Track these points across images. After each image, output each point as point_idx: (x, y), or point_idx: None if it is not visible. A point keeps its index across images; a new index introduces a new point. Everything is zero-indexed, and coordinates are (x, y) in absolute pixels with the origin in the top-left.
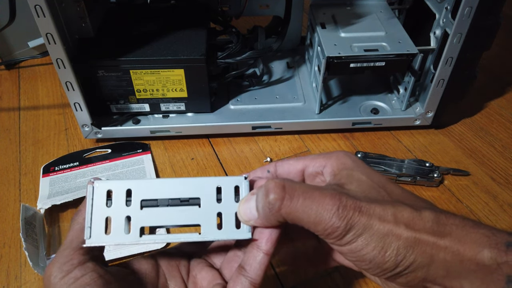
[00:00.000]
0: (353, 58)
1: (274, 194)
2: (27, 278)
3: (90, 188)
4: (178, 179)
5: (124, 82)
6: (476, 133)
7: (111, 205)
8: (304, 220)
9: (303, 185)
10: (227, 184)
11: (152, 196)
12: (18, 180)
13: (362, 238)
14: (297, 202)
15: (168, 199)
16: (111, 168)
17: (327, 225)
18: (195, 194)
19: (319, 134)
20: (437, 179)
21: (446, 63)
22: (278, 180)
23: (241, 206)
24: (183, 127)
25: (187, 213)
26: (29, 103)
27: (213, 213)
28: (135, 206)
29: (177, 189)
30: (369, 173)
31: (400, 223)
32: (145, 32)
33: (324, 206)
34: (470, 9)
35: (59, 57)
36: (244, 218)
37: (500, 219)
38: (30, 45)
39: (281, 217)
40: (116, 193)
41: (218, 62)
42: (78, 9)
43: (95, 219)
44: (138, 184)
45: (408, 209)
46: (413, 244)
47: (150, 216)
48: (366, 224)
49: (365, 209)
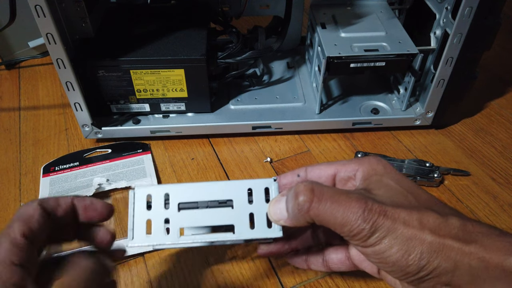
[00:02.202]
0: (353, 58)
1: (303, 196)
2: None
3: (131, 193)
4: (210, 183)
5: (124, 82)
6: (476, 133)
7: (151, 209)
8: (331, 221)
9: (331, 189)
10: (257, 186)
11: (188, 199)
12: (19, 180)
13: (386, 240)
14: (325, 204)
15: (207, 201)
16: (111, 168)
17: (353, 227)
18: (228, 196)
19: (319, 134)
20: (437, 179)
21: (446, 63)
22: (308, 183)
23: (271, 207)
24: (183, 127)
25: (221, 214)
26: (29, 103)
27: (246, 213)
28: (173, 209)
29: (210, 192)
30: (398, 179)
31: (425, 228)
32: (145, 32)
33: (350, 209)
34: (471, 9)
35: (59, 57)
36: (274, 218)
37: (500, 219)
38: (31, 45)
39: (309, 218)
40: (155, 198)
41: (218, 62)
42: (79, 9)
43: (137, 222)
44: (174, 188)
45: (434, 215)
46: (438, 249)
47: (187, 218)
48: (391, 227)
49: (390, 213)
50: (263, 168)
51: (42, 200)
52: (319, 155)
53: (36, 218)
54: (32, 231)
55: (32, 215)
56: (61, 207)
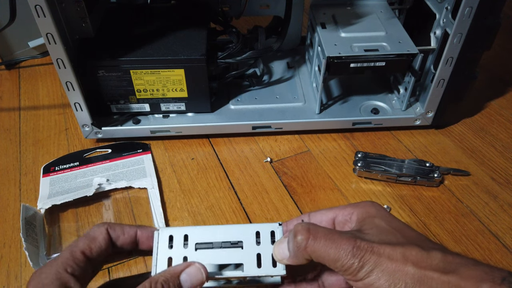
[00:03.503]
0: (353, 58)
1: (301, 235)
2: (27, 278)
3: (156, 234)
4: (223, 226)
5: (125, 82)
6: (476, 133)
7: (172, 248)
8: (325, 258)
9: (325, 229)
10: (264, 230)
11: (204, 240)
12: (19, 180)
13: (374, 274)
14: (320, 242)
15: (221, 242)
16: (111, 168)
17: (344, 262)
18: (239, 238)
19: (319, 134)
20: (437, 179)
21: (446, 63)
22: (305, 224)
23: (276, 248)
24: (183, 127)
25: (232, 254)
26: (29, 103)
27: (254, 253)
28: (191, 248)
29: (224, 234)
30: (389, 220)
31: (408, 261)
32: (145, 32)
33: (341, 246)
34: (471, 9)
35: (59, 57)
36: (278, 257)
37: (500, 219)
38: (31, 45)
39: (307, 254)
40: (176, 238)
41: (219, 62)
42: (79, 9)
43: (159, 259)
44: (193, 231)
45: (417, 249)
46: (420, 279)
47: (203, 256)
48: (377, 262)
49: (376, 249)
50: (263, 168)
51: (110, 225)
52: (319, 155)
53: (99, 242)
54: (91, 251)
55: (97, 238)
56: (124, 237)
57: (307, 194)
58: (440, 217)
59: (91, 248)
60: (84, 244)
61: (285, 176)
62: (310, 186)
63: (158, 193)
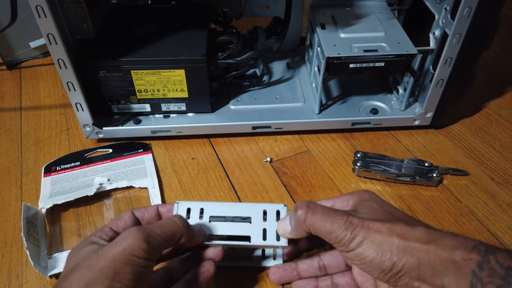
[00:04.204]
0: (353, 59)
1: (301, 210)
2: (28, 277)
3: (176, 205)
4: (235, 203)
5: (125, 83)
6: (475, 133)
7: (189, 218)
8: (322, 230)
9: (322, 206)
10: (271, 209)
11: (217, 214)
12: (20, 179)
13: (364, 244)
14: (317, 216)
15: (232, 217)
16: (112, 168)
17: (337, 234)
18: (248, 214)
19: (319, 134)
20: (436, 179)
21: (445, 64)
22: (305, 201)
23: (279, 224)
24: (183, 127)
25: (241, 227)
26: (30, 103)
27: (260, 228)
28: (206, 219)
29: (235, 210)
30: (381, 203)
31: (393, 234)
32: (146, 33)
33: (336, 221)
34: (470, 10)
35: (60, 58)
36: (281, 232)
37: (499, 218)
38: (32, 45)
39: (306, 227)
40: (193, 210)
41: (219, 62)
42: (79, 10)
43: None
44: (208, 205)
45: (402, 224)
46: (404, 249)
47: (215, 227)
48: (366, 234)
49: (366, 224)
50: (263, 167)
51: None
52: (318, 155)
53: (125, 219)
54: (117, 227)
55: (123, 217)
56: (148, 213)
57: (306, 193)
58: (439, 217)
59: (117, 224)
60: (112, 222)
61: (285, 176)
62: (310, 185)
63: (159, 192)
